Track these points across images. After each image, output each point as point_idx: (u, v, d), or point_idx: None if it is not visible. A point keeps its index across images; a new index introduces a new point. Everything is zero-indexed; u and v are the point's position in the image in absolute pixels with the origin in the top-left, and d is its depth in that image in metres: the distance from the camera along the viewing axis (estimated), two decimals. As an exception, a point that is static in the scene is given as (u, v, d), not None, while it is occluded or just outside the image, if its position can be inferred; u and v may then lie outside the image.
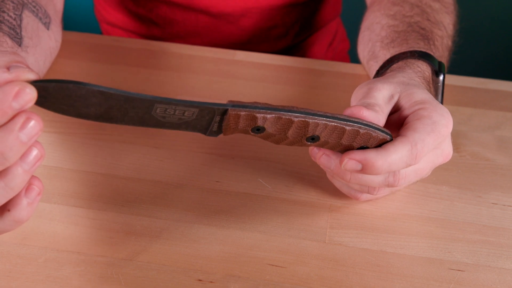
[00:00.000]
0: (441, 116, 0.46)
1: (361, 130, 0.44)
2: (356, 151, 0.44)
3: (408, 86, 0.49)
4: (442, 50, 0.61)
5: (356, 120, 0.44)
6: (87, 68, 0.68)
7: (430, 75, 0.55)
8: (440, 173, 0.56)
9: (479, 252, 0.48)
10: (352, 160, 0.44)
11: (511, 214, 0.52)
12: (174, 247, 0.47)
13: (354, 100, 0.49)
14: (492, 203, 0.53)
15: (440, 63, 0.56)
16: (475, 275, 0.46)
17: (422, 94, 0.48)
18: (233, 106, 0.40)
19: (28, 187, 0.36)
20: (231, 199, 0.52)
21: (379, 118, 0.45)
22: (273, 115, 0.41)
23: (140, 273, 0.45)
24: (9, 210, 0.36)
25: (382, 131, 0.45)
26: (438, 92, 0.55)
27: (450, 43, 0.65)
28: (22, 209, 0.37)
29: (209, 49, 0.73)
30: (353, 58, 0.96)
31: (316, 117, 0.42)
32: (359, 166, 0.44)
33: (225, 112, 0.40)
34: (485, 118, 0.64)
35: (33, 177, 0.37)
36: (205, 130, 0.42)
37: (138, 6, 0.84)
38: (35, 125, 0.34)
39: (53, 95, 0.35)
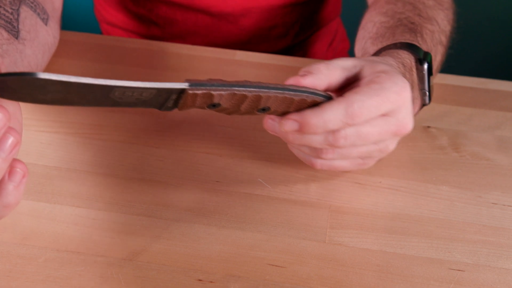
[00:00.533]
0: (393, 83, 0.46)
1: (308, 99, 0.45)
2: (294, 112, 0.45)
3: (375, 61, 0.49)
4: (432, 43, 0.61)
5: (303, 89, 0.45)
6: (87, 68, 0.68)
7: (413, 63, 0.55)
8: (440, 173, 0.56)
9: (479, 252, 0.48)
10: (289, 120, 0.45)
11: (511, 214, 0.52)
12: (174, 247, 0.47)
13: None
14: (492, 203, 0.53)
15: (426, 53, 0.56)
16: (475, 275, 0.46)
17: (386, 66, 0.48)
18: (190, 85, 0.41)
19: (11, 171, 0.36)
20: (231, 199, 0.52)
21: (320, 79, 0.46)
22: (229, 92, 0.43)
23: (140, 273, 0.45)
24: None
25: (325, 97, 0.46)
26: (424, 80, 0.55)
27: (443, 38, 0.64)
28: (9, 193, 0.37)
29: (209, 49, 0.73)
30: (353, 58, 0.96)
31: (268, 90, 0.44)
32: (296, 125, 0.45)
33: (182, 91, 0.41)
34: (485, 118, 0.64)
35: (15, 160, 0.37)
36: (160, 106, 0.42)
37: (138, 6, 0.84)
38: (1, 118, 0.34)
39: (12, 87, 0.35)
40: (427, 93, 0.56)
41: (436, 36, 0.63)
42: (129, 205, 0.50)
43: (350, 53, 0.97)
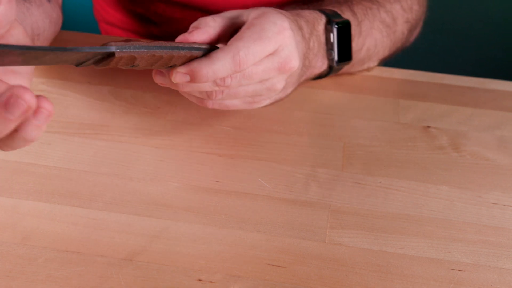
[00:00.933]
0: (272, 24, 0.48)
1: (196, 55, 0.47)
2: (183, 64, 0.47)
3: (260, 8, 0.51)
4: (364, 16, 0.62)
5: (192, 46, 0.47)
6: (86, 68, 0.68)
7: (322, 22, 0.56)
8: (440, 173, 0.56)
9: (479, 252, 0.48)
10: (179, 73, 0.47)
11: (511, 214, 0.52)
12: (174, 247, 0.47)
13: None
14: (492, 203, 0.53)
15: (343, 20, 0.57)
16: (475, 275, 0.46)
17: (267, 9, 0.50)
18: (117, 49, 0.42)
19: (37, 110, 0.35)
20: (231, 199, 0.52)
21: (207, 32, 0.49)
22: (149, 54, 0.45)
23: (140, 273, 0.45)
24: (17, 131, 0.35)
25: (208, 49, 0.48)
26: (331, 39, 0.57)
27: (387, 18, 0.65)
28: (32, 130, 0.36)
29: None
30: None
31: (179, 51, 0.46)
32: (187, 78, 0.47)
33: (111, 54, 0.42)
34: (485, 118, 0.64)
35: (42, 99, 0.35)
36: (79, 64, 0.43)
37: (136, 5, 0.84)
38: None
39: None
40: (335, 51, 0.57)
41: (375, 12, 0.63)
42: (129, 205, 0.50)
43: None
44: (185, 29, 0.84)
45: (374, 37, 0.63)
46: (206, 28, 0.49)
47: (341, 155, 0.57)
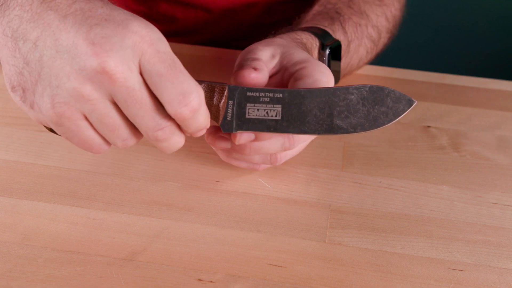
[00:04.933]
0: (321, 74, 0.47)
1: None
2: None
3: (287, 47, 0.50)
4: (354, 35, 0.62)
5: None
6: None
7: (316, 47, 0.56)
8: (440, 173, 0.56)
9: (479, 252, 0.48)
10: (244, 133, 0.45)
11: (511, 214, 0.52)
12: (174, 247, 0.47)
13: (239, 59, 0.50)
14: (492, 203, 0.53)
15: (334, 41, 0.57)
16: (475, 275, 0.46)
17: (302, 54, 0.49)
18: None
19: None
20: (231, 199, 0.52)
21: (265, 76, 0.47)
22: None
23: (140, 273, 0.45)
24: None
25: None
26: (324, 64, 0.56)
27: (373, 33, 0.65)
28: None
29: (209, 49, 0.73)
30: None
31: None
32: (252, 136, 0.46)
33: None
34: (485, 118, 0.64)
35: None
36: None
37: (138, 4, 0.84)
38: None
39: None
40: None
41: (364, 29, 0.64)
42: (129, 205, 0.50)
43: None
44: (186, 27, 0.84)
45: (359, 54, 0.64)
46: (263, 70, 0.47)
47: (341, 155, 0.57)
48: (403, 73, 0.72)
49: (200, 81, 0.44)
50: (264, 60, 0.48)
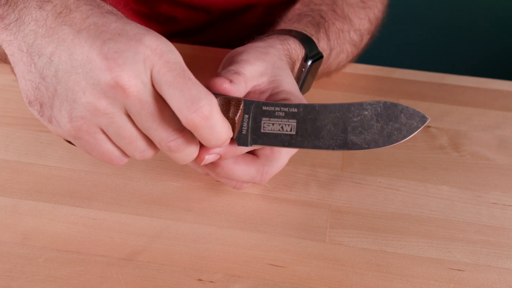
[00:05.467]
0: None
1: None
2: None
3: (278, 70, 0.49)
4: (337, 42, 0.62)
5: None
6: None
7: (300, 57, 0.56)
8: (440, 173, 0.56)
9: (479, 252, 0.48)
10: (210, 156, 0.45)
11: (511, 214, 0.52)
12: (174, 247, 0.47)
13: (225, 61, 0.50)
14: (492, 203, 0.53)
15: (318, 53, 0.57)
16: (475, 275, 0.46)
17: (290, 84, 0.49)
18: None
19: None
20: (231, 199, 0.52)
21: (239, 91, 0.46)
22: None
23: (140, 273, 0.45)
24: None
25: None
26: (301, 77, 0.56)
27: (355, 37, 0.65)
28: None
29: (210, 49, 0.73)
30: (353, 57, 0.96)
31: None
32: (217, 156, 0.45)
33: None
34: (485, 117, 0.64)
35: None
36: None
37: (139, 5, 0.84)
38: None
39: None
40: (300, 82, 0.57)
41: (346, 35, 0.64)
42: (129, 205, 0.50)
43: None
44: (187, 28, 0.84)
45: (339, 59, 0.64)
46: (240, 84, 0.46)
47: (341, 155, 0.57)
48: (403, 73, 0.72)
49: (216, 95, 0.44)
50: (248, 77, 0.47)
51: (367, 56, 0.73)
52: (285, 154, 0.48)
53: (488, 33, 1.49)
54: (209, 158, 0.44)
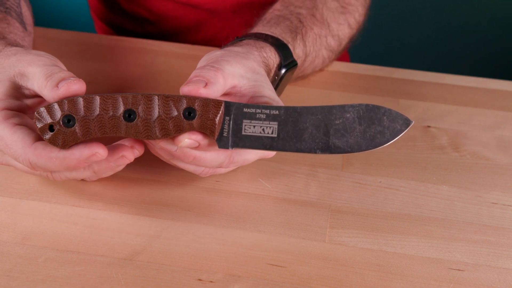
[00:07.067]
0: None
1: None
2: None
3: (258, 76, 0.50)
4: (313, 47, 0.62)
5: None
6: (85, 67, 0.68)
7: (275, 65, 0.56)
8: (440, 173, 0.56)
9: (479, 252, 0.48)
10: (189, 140, 0.45)
11: (511, 214, 0.52)
12: (174, 247, 0.47)
13: (201, 63, 0.50)
14: (492, 203, 0.53)
15: (293, 61, 0.57)
16: (475, 275, 0.46)
17: (270, 91, 0.49)
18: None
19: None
20: (231, 199, 0.52)
21: (218, 90, 0.46)
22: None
23: (140, 273, 0.45)
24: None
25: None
26: (274, 84, 0.57)
27: (333, 42, 0.65)
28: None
29: (202, 48, 0.73)
30: (353, 57, 0.96)
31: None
32: (195, 144, 0.45)
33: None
34: (485, 117, 0.64)
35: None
36: None
37: (131, 3, 0.84)
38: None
39: None
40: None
41: (322, 41, 0.64)
42: (129, 205, 0.50)
43: (350, 52, 0.97)
44: (179, 27, 0.84)
45: (314, 64, 0.65)
46: (217, 86, 0.47)
47: (341, 155, 0.57)
48: (403, 73, 0.72)
49: (195, 97, 0.44)
50: (227, 73, 0.47)
51: (367, 56, 0.73)
52: (256, 152, 0.48)
53: (488, 33, 1.49)
54: (188, 142, 0.45)
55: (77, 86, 0.45)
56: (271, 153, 0.49)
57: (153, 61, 0.70)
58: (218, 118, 0.44)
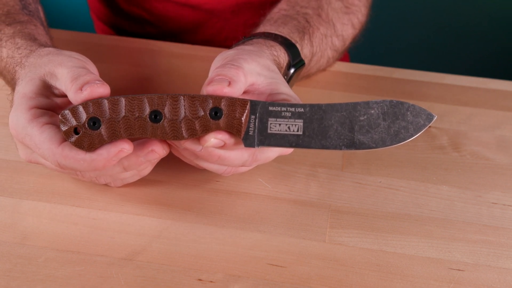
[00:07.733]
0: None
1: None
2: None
3: (274, 73, 0.50)
4: (319, 47, 0.63)
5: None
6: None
7: (284, 65, 0.56)
8: (440, 173, 0.56)
9: (479, 252, 0.48)
10: (215, 140, 0.45)
11: (511, 214, 0.52)
12: (174, 247, 0.47)
13: (216, 62, 0.50)
14: (492, 203, 0.53)
15: (301, 60, 0.57)
16: (475, 275, 0.46)
17: (287, 88, 0.49)
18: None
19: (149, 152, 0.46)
20: (231, 199, 0.52)
21: (240, 88, 0.46)
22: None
23: (140, 273, 0.45)
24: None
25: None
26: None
27: (337, 43, 0.66)
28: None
29: (209, 49, 0.73)
30: (353, 57, 0.96)
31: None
32: (221, 143, 0.45)
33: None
34: (485, 117, 0.64)
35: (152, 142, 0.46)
36: None
37: (131, 4, 0.84)
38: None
39: None
40: None
41: (328, 40, 0.64)
42: (129, 205, 0.50)
43: (350, 53, 0.97)
44: (179, 28, 0.84)
45: (319, 64, 0.65)
46: (239, 84, 0.47)
47: (341, 155, 0.57)
48: (403, 73, 0.72)
49: (221, 97, 0.44)
50: (247, 71, 0.48)
51: (367, 56, 0.73)
52: (278, 149, 0.48)
53: (488, 33, 1.49)
54: (214, 141, 0.45)
55: (101, 90, 0.44)
56: (289, 150, 0.49)
57: (153, 61, 0.70)
58: (244, 117, 0.44)
